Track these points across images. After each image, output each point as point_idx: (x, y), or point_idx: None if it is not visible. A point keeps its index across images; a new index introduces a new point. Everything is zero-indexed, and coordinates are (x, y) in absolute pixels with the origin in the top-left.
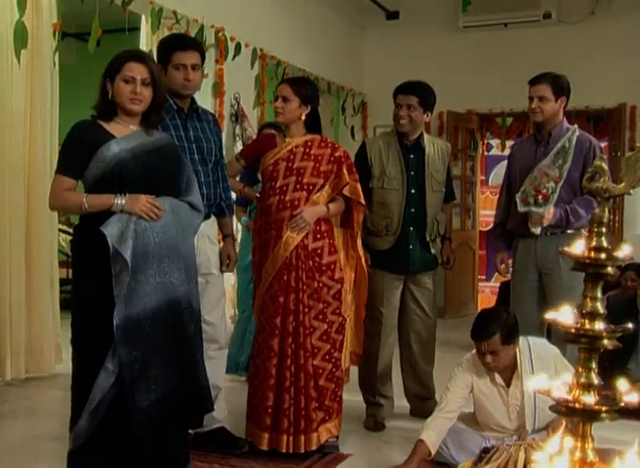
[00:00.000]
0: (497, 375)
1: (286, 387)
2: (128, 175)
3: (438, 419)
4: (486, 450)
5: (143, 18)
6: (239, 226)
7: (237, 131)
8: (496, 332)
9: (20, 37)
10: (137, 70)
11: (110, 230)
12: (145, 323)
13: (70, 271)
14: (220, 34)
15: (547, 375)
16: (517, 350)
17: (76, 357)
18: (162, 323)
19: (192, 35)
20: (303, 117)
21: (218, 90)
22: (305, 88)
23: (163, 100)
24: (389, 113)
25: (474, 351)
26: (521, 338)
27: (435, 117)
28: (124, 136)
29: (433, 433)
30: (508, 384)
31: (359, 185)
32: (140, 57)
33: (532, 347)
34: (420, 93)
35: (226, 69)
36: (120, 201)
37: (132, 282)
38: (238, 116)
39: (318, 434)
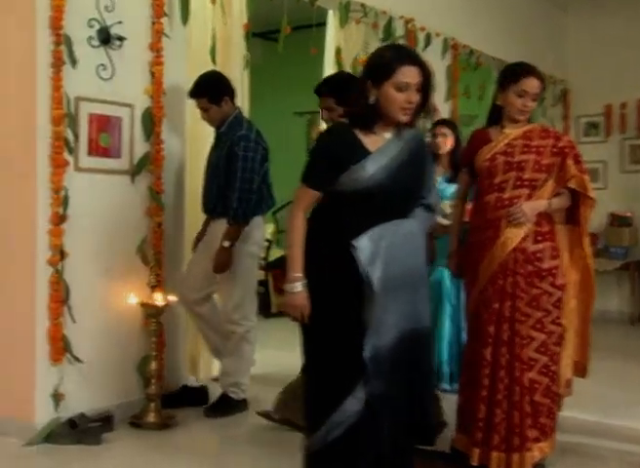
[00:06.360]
0: None
1: (498, 400)
2: (384, 192)
3: None
4: None
5: (330, 12)
6: None
7: (427, 125)
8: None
9: (213, 39)
10: (411, 75)
11: (362, 246)
12: (391, 355)
13: None
14: (409, 25)
15: None
16: None
17: (314, 373)
18: (406, 353)
19: (381, 27)
20: None
21: None
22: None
23: (430, 107)
24: (596, 102)
25: None
26: None
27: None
28: (378, 149)
29: None
30: None
31: (586, 177)
32: (415, 58)
33: None
34: None
35: None
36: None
37: (379, 310)
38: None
39: (532, 454)
